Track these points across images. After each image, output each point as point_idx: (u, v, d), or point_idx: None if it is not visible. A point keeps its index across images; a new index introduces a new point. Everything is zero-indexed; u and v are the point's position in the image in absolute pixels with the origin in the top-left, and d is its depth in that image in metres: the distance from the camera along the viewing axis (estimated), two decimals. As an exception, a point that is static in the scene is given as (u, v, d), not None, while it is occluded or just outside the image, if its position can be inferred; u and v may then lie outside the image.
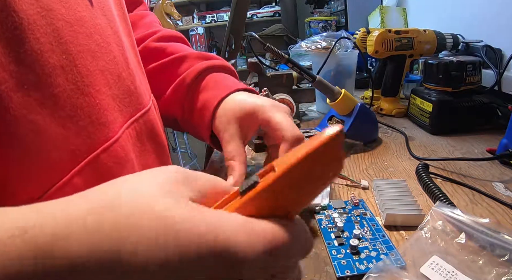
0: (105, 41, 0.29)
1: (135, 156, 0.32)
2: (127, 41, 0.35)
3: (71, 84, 0.24)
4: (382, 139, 0.61)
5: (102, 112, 0.27)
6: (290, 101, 0.68)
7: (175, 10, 2.74)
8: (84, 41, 0.26)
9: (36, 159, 0.22)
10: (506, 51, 0.66)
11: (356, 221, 0.36)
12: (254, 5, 2.92)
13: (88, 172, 0.25)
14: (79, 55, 0.25)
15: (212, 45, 3.13)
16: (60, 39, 0.23)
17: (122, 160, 0.28)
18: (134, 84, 0.33)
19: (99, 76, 0.27)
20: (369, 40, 0.72)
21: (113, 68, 0.29)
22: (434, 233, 0.32)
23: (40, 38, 0.22)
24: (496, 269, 0.27)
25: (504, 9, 0.67)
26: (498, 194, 0.40)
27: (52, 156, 0.22)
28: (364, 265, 0.30)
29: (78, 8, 0.25)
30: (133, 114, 0.33)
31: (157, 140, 0.38)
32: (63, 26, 0.24)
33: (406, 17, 1.12)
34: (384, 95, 0.76)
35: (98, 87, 0.27)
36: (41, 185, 0.22)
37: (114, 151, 0.28)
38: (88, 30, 0.26)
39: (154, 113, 0.39)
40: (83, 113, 0.25)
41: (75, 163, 0.24)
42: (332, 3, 1.88)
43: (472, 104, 0.60)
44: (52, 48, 0.22)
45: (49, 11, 0.22)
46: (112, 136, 0.28)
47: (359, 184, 0.45)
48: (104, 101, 0.27)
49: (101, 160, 0.26)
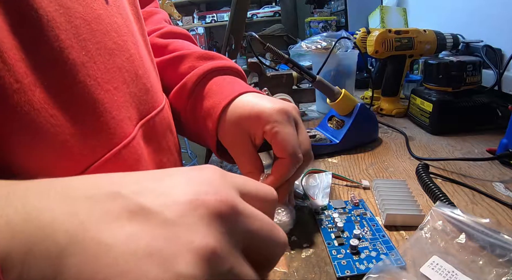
0: (122, 39, 0.29)
1: (149, 153, 0.32)
2: (141, 40, 0.35)
3: (92, 80, 0.24)
4: (382, 139, 0.61)
5: (121, 108, 0.27)
6: (290, 101, 0.68)
7: (175, 10, 2.74)
8: (101, 39, 0.26)
9: (57, 152, 0.22)
10: (506, 51, 0.66)
11: (356, 221, 0.36)
12: (254, 5, 2.92)
13: (109, 168, 0.25)
14: (97, 52, 0.25)
15: (212, 45, 3.14)
16: (78, 37, 0.23)
17: (140, 157, 0.29)
18: (150, 82, 0.33)
19: (117, 74, 0.27)
20: (369, 40, 0.72)
21: (130, 66, 0.29)
22: (434, 233, 0.32)
23: (60, 35, 0.22)
24: (496, 269, 0.27)
25: (504, 9, 0.67)
26: (498, 194, 0.40)
27: (72, 151, 0.23)
28: (364, 265, 0.30)
29: (95, 6, 0.26)
30: (150, 112, 0.33)
31: (172, 138, 0.38)
32: (81, 24, 0.24)
33: (406, 17, 1.12)
34: (384, 95, 0.76)
35: (116, 84, 0.27)
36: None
37: (133, 147, 0.28)
38: (105, 28, 0.27)
39: (168, 111, 0.39)
40: (104, 109, 0.25)
41: (96, 157, 0.24)
42: (332, 3, 1.88)
43: (472, 104, 0.60)
44: (72, 45, 0.23)
45: (67, 9, 0.23)
46: (131, 132, 0.28)
47: (360, 184, 0.45)
48: (122, 98, 0.28)
49: (122, 156, 0.26)
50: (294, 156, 0.32)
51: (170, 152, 0.37)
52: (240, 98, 0.36)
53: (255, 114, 0.34)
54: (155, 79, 0.36)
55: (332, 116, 0.61)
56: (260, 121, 0.33)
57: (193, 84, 0.39)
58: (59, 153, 0.22)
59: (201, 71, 0.39)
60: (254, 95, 0.37)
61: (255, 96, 0.37)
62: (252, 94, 0.37)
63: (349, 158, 0.54)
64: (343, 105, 0.56)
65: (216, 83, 0.39)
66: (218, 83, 0.39)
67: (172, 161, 0.37)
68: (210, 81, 0.39)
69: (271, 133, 0.33)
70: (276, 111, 0.33)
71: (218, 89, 0.38)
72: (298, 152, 0.32)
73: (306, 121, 0.75)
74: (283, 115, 0.33)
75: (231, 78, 0.41)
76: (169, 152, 0.36)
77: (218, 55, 0.43)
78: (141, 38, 0.35)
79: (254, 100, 0.35)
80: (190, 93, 0.39)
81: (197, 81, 0.39)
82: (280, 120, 0.33)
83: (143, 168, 0.29)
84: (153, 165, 0.32)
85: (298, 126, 0.35)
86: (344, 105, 0.56)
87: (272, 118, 0.33)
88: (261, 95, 0.37)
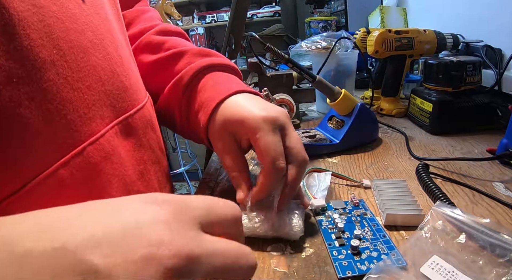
0: (98, 38, 0.29)
1: (127, 150, 0.32)
2: (122, 39, 0.35)
3: (61, 78, 0.24)
4: (382, 139, 0.61)
5: (91, 106, 0.27)
6: (290, 101, 0.68)
7: (175, 10, 2.73)
8: (76, 37, 0.26)
9: (23, 150, 0.22)
10: (506, 51, 0.66)
11: (357, 221, 0.36)
12: (254, 5, 2.91)
13: (74, 165, 0.25)
14: (70, 50, 0.25)
15: (212, 45, 3.13)
16: (51, 35, 0.24)
17: (109, 154, 0.29)
18: (129, 81, 0.33)
19: (91, 72, 0.27)
20: (369, 40, 0.72)
21: (106, 64, 0.30)
22: (434, 233, 0.32)
23: (31, 34, 0.22)
24: (496, 269, 0.27)
25: (504, 9, 0.67)
26: (498, 194, 0.40)
27: (37, 149, 0.23)
28: (365, 266, 0.30)
29: (70, 5, 0.26)
30: (128, 110, 0.33)
31: (153, 135, 0.38)
32: (55, 22, 0.24)
33: (406, 17, 1.12)
34: (384, 95, 0.76)
35: (88, 82, 0.27)
36: (22, 177, 0.22)
37: (100, 145, 0.28)
38: (80, 27, 0.27)
39: (150, 109, 0.39)
40: (72, 107, 0.25)
41: (60, 155, 0.24)
42: (332, 3, 1.88)
43: (472, 104, 0.60)
44: (43, 44, 0.23)
45: (40, 8, 0.23)
46: (99, 130, 0.28)
47: (361, 184, 0.45)
48: (94, 96, 0.28)
49: (87, 153, 0.26)
50: (274, 165, 0.32)
51: (152, 149, 0.37)
52: (232, 98, 0.36)
53: (240, 119, 0.34)
54: (135, 77, 0.36)
55: (332, 116, 0.61)
56: (244, 127, 0.33)
57: (189, 78, 0.39)
58: (24, 150, 0.22)
59: (198, 66, 0.39)
60: (247, 96, 0.37)
61: (247, 98, 0.36)
62: (245, 95, 0.37)
63: (349, 158, 0.54)
64: (343, 105, 0.56)
65: (212, 78, 0.39)
66: (214, 79, 0.39)
67: (153, 158, 0.37)
68: (206, 76, 0.39)
69: (253, 140, 0.33)
70: (261, 118, 0.33)
71: (213, 85, 0.38)
72: (278, 160, 0.32)
73: (306, 121, 0.75)
74: (267, 123, 0.33)
75: (228, 75, 0.41)
76: (150, 150, 0.36)
77: (215, 53, 0.43)
78: (121, 36, 0.35)
79: (243, 103, 0.35)
80: (185, 87, 0.39)
81: (194, 76, 0.39)
82: (263, 127, 0.32)
83: (113, 164, 0.29)
84: (132, 162, 0.32)
85: (286, 132, 0.34)
86: (344, 105, 0.56)
87: (255, 125, 0.33)
88: (254, 98, 0.37)
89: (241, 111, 0.34)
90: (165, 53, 0.43)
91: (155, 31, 0.46)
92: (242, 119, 0.34)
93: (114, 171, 0.29)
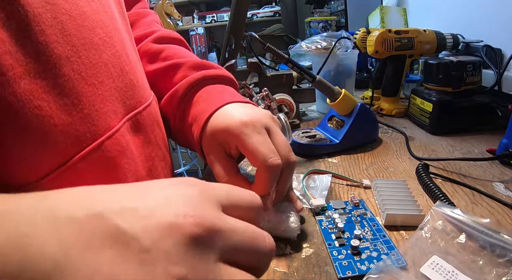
0: (108, 36, 0.30)
1: (137, 147, 0.33)
2: (127, 38, 0.35)
3: (76, 74, 0.25)
4: (382, 139, 0.61)
5: (105, 102, 0.28)
6: (290, 101, 0.68)
7: (175, 10, 2.74)
8: (87, 35, 0.27)
9: (40, 143, 0.23)
10: (506, 51, 0.66)
11: (357, 221, 0.36)
12: (254, 5, 2.91)
13: (93, 158, 0.26)
14: (82, 47, 0.26)
15: (212, 45, 3.13)
16: (64, 32, 0.24)
17: (124, 149, 0.30)
18: (136, 78, 0.34)
19: (102, 68, 0.28)
20: (369, 40, 0.72)
21: (116, 61, 0.30)
22: (434, 233, 0.32)
23: (46, 30, 0.23)
24: (496, 269, 0.27)
25: (504, 9, 0.67)
26: (498, 194, 0.40)
27: (57, 141, 0.24)
28: (365, 266, 0.30)
29: (81, 3, 0.27)
30: (136, 106, 0.34)
31: (159, 132, 0.38)
32: (67, 19, 0.25)
33: (406, 17, 1.13)
34: (384, 95, 0.76)
35: (101, 78, 0.28)
36: (42, 168, 0.23)
37: (117, 139, 0.29)
38: (91, 24, 0.27)
39: (156, 107, 0.40)
40: (88, 102, 0.26)
41: (79, 148, 0.25)
42: (332, 3, 1.89)
43: (472, 104, 0.60)
44: (57, 40, 0.24)
45: (53, 5, 0.24)
46: (115, 125, 0.29)
47: (361, 184, 0.45)
48: (107, 92, 0.28)
49: (105, 147, 0.27)
50: (266, 161, 0.31)
51: (158, 146, 0.37)
52: (222, 109, 0.36)
53: (224, 128, 0.34)
54: (141, 75, 0.37)
55: (332, 116, 0.61)
56: (229, 135, 0.33)
57: (184, 91, 0.40)
58: (44, 142, 0.23)
59: (193, 79, 0.40)
60: (237, 106, 0.36)
61: (237, 107, 0.36)
62: (236, 105, 0.37)
63: (349, 158, 0.54)
64: (343, 105, 0.56)
65: (206, 91, 0.40)
66: (208, 92, 0.40)
67: (160, 155, 0.37)
68: (201, 89, 0.40)
69: (240, 146, 0.33)
70: (242, 123, 0.33)
71: (207, 97, 0.39)
72: (271, 156, 0.31)
73: (306, 121, 0.75)
74: (249, 126, 0.33)
75: (222, 87, 0.41)
76: (157, 147, 0.37)
77: (211, 64, 0.43)
78: (127, 35, 0.36)
79: (230, 112, 0.35)
80: (180, 100, 0.40)
81: (188, 89, 0.40)
82: (246, 132, 0.32)
83: (127, 159, 0.30)
84: (141, 158, 0.33)
85: (271, 133, 0.34)
86: (344, 105, 0.56)
87: (238, 131, 0.33)
88: (243, 106, 0.37)
89: (225, 120, 0.34)
90: (162, 64, 0.43)
91: (153, 38, 0.46)
92: (226, 127, 0.34)
93: (129, 166, 0.30)
